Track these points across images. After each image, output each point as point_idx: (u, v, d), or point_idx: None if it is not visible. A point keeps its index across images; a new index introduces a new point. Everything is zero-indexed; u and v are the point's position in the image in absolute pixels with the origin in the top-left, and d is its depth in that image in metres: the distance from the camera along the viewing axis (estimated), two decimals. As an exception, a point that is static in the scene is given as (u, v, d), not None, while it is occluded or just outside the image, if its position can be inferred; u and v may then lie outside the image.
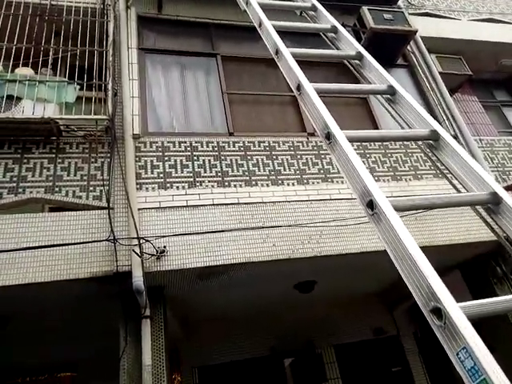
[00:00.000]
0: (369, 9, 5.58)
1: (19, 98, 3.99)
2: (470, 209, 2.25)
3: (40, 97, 4.02)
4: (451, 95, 5.97)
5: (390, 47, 5.65)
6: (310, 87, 1.73)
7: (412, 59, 6.14)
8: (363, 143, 4.74)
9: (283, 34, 2.26)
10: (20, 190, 3.66)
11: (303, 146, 4.74)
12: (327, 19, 2.43)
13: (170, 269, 3.54)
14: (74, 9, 4.83)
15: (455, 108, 5.69)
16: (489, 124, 6.88)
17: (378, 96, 2.01)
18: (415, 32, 5.61)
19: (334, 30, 2.36)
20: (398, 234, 1.16)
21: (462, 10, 7.14)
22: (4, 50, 4.33)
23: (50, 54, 4.44)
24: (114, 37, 4.80)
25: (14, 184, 3.67)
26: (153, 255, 3.47)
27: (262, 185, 4.31)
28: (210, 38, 5.57)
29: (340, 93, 1.92)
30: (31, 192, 3.68)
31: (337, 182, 4.51)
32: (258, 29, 2.35)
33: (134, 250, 3.37)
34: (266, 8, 2.49)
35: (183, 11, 5.52)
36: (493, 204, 1.34)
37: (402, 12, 5.84)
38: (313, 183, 4.44)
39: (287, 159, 4.60)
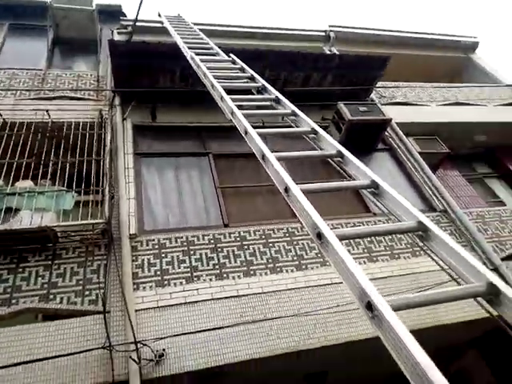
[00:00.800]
0: (344, 103, 6.13)
1: (18, 209, 4.10)
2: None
3: (38, 206, 4.15)
4: (434, 172, 6.26)
5: (369, 134, 6.10)
6: (296, 189, 1.82)
7: (391, 143, 6.57)
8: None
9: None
10: (14, 301, 3.56)
11: (298, 232, 4.80)
12: (307, 123, 2.66)
13: (170, 373, 3.30)
14: (73, 124, 5.23)
15: (440, 184, 5.94)
16: (475, 196, 7.11)
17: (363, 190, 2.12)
18: (390, 120, 6.11)
19: (314, 131, 2.57)
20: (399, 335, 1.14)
21: (429, 99, 7.86)
22: (6, 165, 4.58)
23: (50, 165, 4.69)
24: (111, 146, 5.13)
25: (8, 295, 3.59)
26: (151, 360, 3.26)
27: (261, 274, 4.26)
28: (202, 138, 5.98)
29: (327, 191, 2.01)
30: (25, 302, 3.58)
31: (336, 265, 4.47)
32: (244, 136, 2.56)
33: (131, 357, 3.17)
34: (249, 116, 2.73)
35: (175, 118, 6.00)
36: (493, 295, 1.31)
37: (376, 104, 6.41)
38: (312, 268, 4.40)
39: (284, 246, 4.62)
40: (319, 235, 1.60)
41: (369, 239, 4.85)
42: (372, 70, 6.72)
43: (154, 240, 4.35)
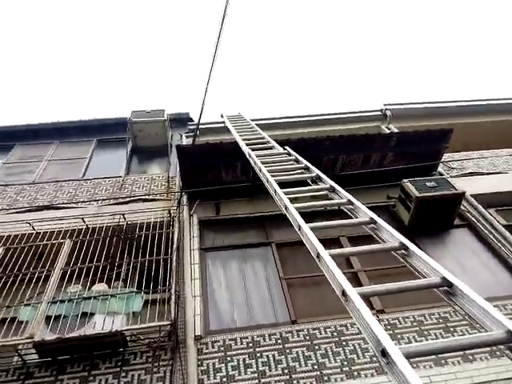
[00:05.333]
0: (410, 180, 5.86)
1: (92, 314, 4.27)
2: None
3: (111, 310, 4.29)
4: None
5: (442, 211, 5.66)
6: (354, 294, 1.65)
7: (470, 217, 6.01)
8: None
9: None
10: (82, 414, 3.53)
11: (374, 327, 4.33)
12: (365, 212, 2.52)
13: None
14: (145, 225, 5.58)
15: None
16: None
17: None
18: (463, 193, 5.65)
19: (373, 221, 2.41)
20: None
21: (506, 166, 7.24)
22: (85, 270, 4.92)
23: (123, 267, 4.95)
24: (178, 243, 5.34)
25: (78, 407, 3.58)
26: None
27: (336, 379, 3.81)
28: (264, 228, 6.00)
29: (389, 294, 1.81)
30: (92, 415, 3.53)
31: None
32: (298, 232, 2.48)
33: None
34: (304, 210, 2.68)
35: (238, 210, 6.17)
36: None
37: (444, 178, 6.04)
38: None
39: (359, 344, 4.16)
40: (383, 353, 1.39)
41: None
42: (434, 143, 6.48)
43: (219, 341, 4.20)
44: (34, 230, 5.63)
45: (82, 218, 5.75)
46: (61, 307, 4.28)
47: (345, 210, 2.80)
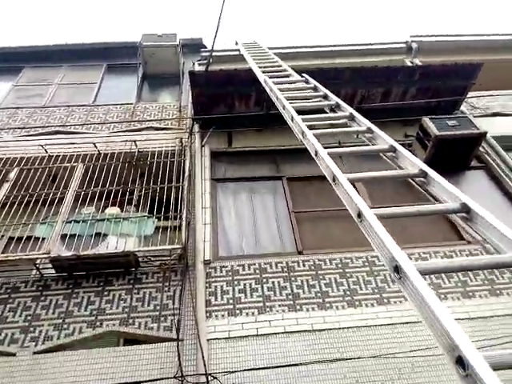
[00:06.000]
0: (430, 118, 5.61)
1: (106, 235, 4.41)
2: None
3: (123, 232, 4.42)
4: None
5: (460, 151, 5.48)
6: (371, 215, 1.61)
7: (487, 159, 5.83)
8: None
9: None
10: (98, 324, 3.78)
11: (380, 261, 4.41)
12: (384, 140, 2.41)
13: (241, 411, 3.18)
14: (156, 153, 5.55)
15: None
16: None
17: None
18: (484, 134, 5.42)
19: (393, 149, 2.31)
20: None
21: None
22: (98, 193, 5.00)
23: (135, 193, 5.01)
24: (190, 172, 5.33)
25: (94, 317, 3.83)
26: (221, 395, 3.17)
27: (337, 307, 3.97)
28: (276, 162, 5.93)
29: (406, 216, 1.75)
30: (107, 325, 3.78)
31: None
32: (315, 157, 2.40)
33: (201, 390, 3.13)
34: (321, 136, 2.58)
35: (250, 143, 6.06)
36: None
37: (466, 117, 5.76)
38: (395, 303, 3.98)
39: (363, 277, 4.27)
40: (397, 269, 1.38)
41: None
42: (461, 79, 6.09)
43: (227, 266, 4.34)
44: (46, 152, 5.65)
45: (94, 144, 5.72)
46: (75, 227, 4.41)
47: (363, 138, 2.69)
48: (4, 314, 3.89)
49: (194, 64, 8.39)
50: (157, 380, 3.25)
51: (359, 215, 1.70)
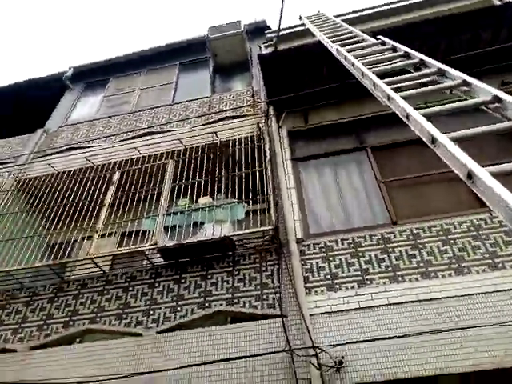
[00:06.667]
0: (532, 58, 4.92)
1: (202, 223, 4.71)
2: None
3: (217, 219, 4.67)
4: None
5: None
6: (485, 174, 1.48)
7: None
8: None
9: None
10: (207, 305, 4.10)
11: (486, 224, 4.06)
12: (485, 90, 2.18)
13: (354, 382, 3.21)
14: (237, 141, 5.72)
15: None
16: None
17: None
18: None
19: (497, 99, 2.07)
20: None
21: None
22: (190, 186, 5.34)
23: (223, 181, 5.24)
24: (271, 155, 5.40)
25: (202, 299, 4.15)
26: (331, 367, 3.24)
27: (444, 276, 3.76)
28: (356, 133, 5.72)
29: None
30: (215, 305, 4.07)
31: (545, 262, 3.59)
32: (406, 121, 2.26)
33: (311, 362, 3.22)
34: (409, 98, 2.43)
35: (327, 117, 5.92)
36: None
37: None
38: (511, 267, 3.64)
39: (469, 242, 3.98)
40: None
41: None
42: None
43: (320, 243, 4.36)
44: (140, 153, 6.16)
45: (180, 140, 6.09)
46: (175, 218, 4.79)
47: (458, 93, 2.46)
48: (127, 300, 4.41)
49: (260, 47, 8.38)
50: (267, 354, 3.43)
51: (470, 176, 1.57)
